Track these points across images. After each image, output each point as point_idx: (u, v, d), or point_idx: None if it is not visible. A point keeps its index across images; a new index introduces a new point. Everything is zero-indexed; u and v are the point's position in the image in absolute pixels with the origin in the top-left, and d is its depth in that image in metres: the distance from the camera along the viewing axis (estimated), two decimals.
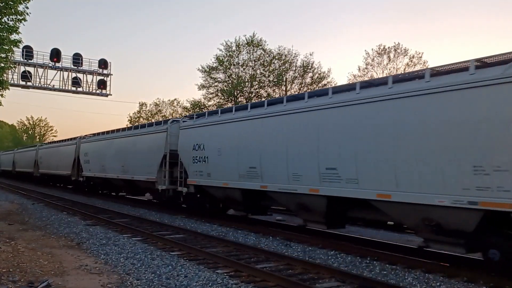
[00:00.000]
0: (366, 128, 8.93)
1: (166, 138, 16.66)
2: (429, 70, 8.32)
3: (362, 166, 8.98)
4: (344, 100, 9.59)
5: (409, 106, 8.21)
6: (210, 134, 14.14)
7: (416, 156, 7.97)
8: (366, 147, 8.90)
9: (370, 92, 9.16)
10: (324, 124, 9.99)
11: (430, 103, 7.85)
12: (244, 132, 12.58)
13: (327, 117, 9.98)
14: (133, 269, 7.99)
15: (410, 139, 8.10)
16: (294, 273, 7.87)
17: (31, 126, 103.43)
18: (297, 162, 10.59)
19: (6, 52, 13.05)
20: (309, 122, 10.42)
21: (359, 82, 9.96)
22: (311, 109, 10.44)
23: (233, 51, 39.57)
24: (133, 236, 11.60)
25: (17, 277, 7.13)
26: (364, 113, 9.05)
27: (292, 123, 10.93)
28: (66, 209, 18.18)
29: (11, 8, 12.25)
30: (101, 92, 26.37)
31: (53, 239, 11.24)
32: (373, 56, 39.08)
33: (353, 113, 9.30)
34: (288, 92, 37.66)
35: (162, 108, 56.92)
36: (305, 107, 10.65)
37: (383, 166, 8.57)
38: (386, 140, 8.56)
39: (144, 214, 16.76)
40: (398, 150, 8.32)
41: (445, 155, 7.53)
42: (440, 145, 7.63)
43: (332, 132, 9.76)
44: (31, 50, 24.47)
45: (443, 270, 7.80)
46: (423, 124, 7.94)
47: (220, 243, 10.58)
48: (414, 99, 8.15)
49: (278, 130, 11.35)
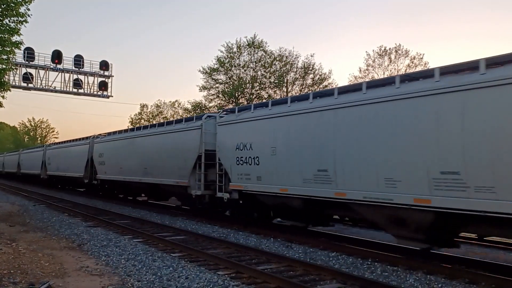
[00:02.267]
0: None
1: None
2: None
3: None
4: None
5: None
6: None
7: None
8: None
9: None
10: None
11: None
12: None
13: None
14: (134, 270, 7.98)
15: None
16: (295, 274, 7.85)
17: (32, 127, 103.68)
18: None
19: (7, 54, 13.07)
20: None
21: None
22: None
23: (234, 53, 39.64)
24: (134, 238, 11.59)
25: (18, 279, 7.13)
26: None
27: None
28: (67, 210, 18.18)
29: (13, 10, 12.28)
30: (102, 94, 26.38)
31: (54, 241, 11.24)
32: (374, 57, 39.13)
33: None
34: (289, 93, 37.68)
35: (163, 110, 56.99)
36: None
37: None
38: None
39: (145, 216, 16.75)
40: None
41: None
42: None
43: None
44: (33, 52, 24.51)
45: (445, 271, 7.77)
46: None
47: (221, 245, 10.56)
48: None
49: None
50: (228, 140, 13.24)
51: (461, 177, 7.21)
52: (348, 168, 9.27)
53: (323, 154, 9.88)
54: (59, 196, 26.40)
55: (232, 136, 13.07)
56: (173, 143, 16.42)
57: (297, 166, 10.60)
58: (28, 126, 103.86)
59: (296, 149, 10.68)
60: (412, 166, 7.98)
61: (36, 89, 25.05)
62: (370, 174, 8.75)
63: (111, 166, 21.95)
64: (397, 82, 8.51)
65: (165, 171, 16.63)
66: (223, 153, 13.47)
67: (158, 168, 17.36)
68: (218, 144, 13.80)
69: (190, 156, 15.01)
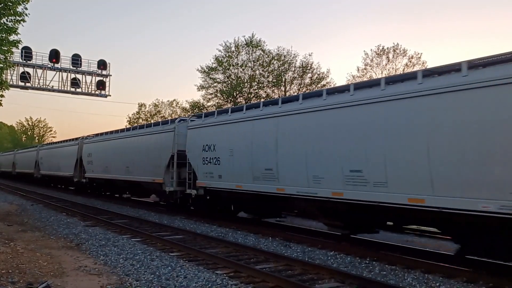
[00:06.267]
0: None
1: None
2: None
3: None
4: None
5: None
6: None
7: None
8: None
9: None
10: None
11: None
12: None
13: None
14: (133, 270, 7.99)
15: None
16: (294, 273, 7.87)
17: (30, 127, 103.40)
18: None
19: (5, 53, 13.04)
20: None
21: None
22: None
23: (232, 52, 39.61)
24: (132, 237, 11.59)
25: (16, 278, 7.11)
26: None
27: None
28: (66, 210, 18.16)
29: (10, 9, 12.25)
30: (100, 93, 26.31)
31: (52, 240, 11.23)
32: (372, 56, 39.12)
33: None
34: (287, 93, 37.70)
35: (161, 109, 56.89)
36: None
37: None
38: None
39: (143, 215, 16.75)
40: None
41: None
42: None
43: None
44: (30, 51, 24.45)
45: (443, 270, 7.79)
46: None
47: (220, 244, 10.57)
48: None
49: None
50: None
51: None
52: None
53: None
54: (56, 195, 26.38)
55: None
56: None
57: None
58: (26, 126, 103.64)
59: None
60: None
61: (33, 89, 24.97)
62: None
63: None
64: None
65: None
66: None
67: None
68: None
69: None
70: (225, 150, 13.28)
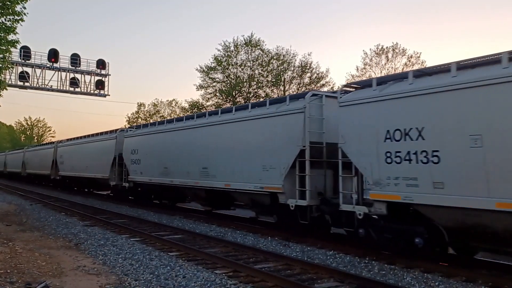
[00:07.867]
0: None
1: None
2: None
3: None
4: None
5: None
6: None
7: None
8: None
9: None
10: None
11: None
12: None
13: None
14: (132, 269, 7.97)
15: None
16: (293, 273, 7.86)
17: (29, 126, 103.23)
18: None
19: (3, 53, 12.99)
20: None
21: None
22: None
23: (231, 51, 39.61)
24: (131, 237, 11.58)
25: (15, 278, 7.09)
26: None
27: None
28: (64, 209, 18.14)
29: (9, 8, 12.19)
30: (99, 93, 26.28)
31: (51, 240, 11.21)
32: (371, 56, 39.14)
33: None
34: (287, 92, 37.70)
35: (160, 109, 56.86)
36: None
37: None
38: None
39: (142, 215, 16.74)
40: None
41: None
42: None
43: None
44: (29, 51, 24.39)
45: (442, 269, 7.80)
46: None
47: (219, 244, 10.56)
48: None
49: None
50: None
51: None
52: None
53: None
54: (55, 195, 26.33)
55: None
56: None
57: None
58: (24, 125, 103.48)
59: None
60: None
61: (32, 88, 24.92)
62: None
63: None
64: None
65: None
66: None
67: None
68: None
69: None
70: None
